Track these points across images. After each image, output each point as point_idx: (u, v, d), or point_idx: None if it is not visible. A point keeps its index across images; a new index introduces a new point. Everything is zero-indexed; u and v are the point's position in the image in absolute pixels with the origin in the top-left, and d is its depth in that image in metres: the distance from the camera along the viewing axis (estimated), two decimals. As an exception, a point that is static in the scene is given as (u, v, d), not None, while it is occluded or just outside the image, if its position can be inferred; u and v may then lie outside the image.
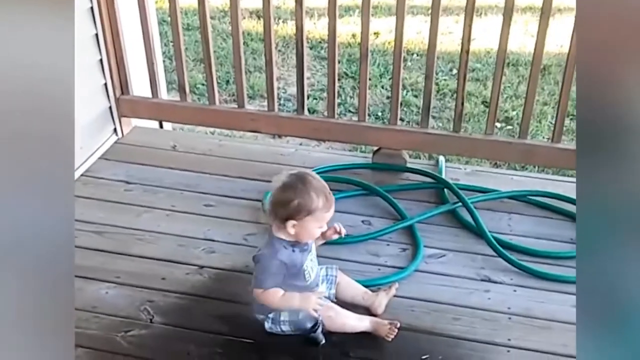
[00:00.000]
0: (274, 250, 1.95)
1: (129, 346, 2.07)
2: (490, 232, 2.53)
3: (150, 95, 3.19)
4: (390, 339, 2.05)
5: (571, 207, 2.71)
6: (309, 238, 1.98)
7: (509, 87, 4.56)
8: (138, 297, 2.25)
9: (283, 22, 5.42)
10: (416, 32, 5.08)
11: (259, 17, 5.05)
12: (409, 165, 3.01)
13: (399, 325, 2.05)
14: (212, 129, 3.71)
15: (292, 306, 1.99)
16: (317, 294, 2.02)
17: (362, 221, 2.67)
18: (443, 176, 2.92)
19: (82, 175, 2.91)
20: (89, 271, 2.35)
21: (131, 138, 3.24)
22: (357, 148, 3.71)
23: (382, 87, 4.63)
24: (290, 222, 1.90)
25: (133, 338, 2.10)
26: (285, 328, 2.04)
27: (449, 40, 4.93)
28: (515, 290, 2.32)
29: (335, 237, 2.10)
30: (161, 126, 3.53)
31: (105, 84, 3.11)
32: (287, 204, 1.89)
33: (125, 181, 2.89)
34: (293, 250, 1.97)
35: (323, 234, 2.07)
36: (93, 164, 3.00)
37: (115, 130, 3.22)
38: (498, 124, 4.05)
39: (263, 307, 2.03)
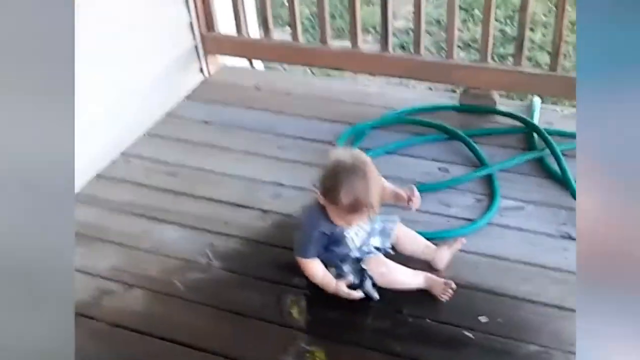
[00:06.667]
0: (315, 219, 1.87)
1: (185, 289, 2.08)
2: (578, 183, 2.28)
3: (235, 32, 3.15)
4: (444, 299, 1.92)
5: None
6: (334, 221, 1.86)
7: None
8: (199, 240, 2.25)
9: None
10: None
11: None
12: (498, 106, 2.77)
13: (453, 285, 1.92)
14: (301, 67, 3.63)
15: (325, 288, 1.96)
16: (347, 291, 1.94)
17: (439, 168, 2.51)
18: (535, 119, 2.66)
19: (165, 114, 2.95)
20: (157, 212, 2.39)
21: (217, 77, 3.23)
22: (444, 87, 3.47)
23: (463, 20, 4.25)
24: (322, 198, 1.83)
25: (190, 282, 2.11)
26: (337, 283, 1.98)
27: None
28: (597, 251, 2.09)
29: (407, 206, 1.96)
30: (251, 65, 3.49)
31: (191, 22, 3.10)
32: (323, 181, 1.81)
33: (205, 121, 2.89)
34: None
35: (394, 197, 1.98)
36: (177, 104, 3.02)
37: (201, 69, 3.21)
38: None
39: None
